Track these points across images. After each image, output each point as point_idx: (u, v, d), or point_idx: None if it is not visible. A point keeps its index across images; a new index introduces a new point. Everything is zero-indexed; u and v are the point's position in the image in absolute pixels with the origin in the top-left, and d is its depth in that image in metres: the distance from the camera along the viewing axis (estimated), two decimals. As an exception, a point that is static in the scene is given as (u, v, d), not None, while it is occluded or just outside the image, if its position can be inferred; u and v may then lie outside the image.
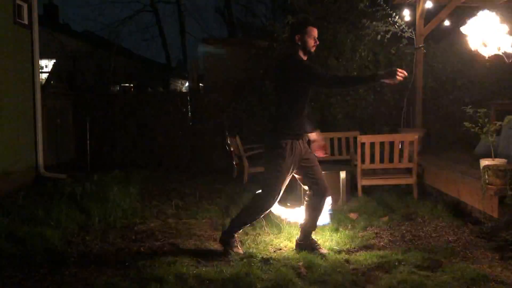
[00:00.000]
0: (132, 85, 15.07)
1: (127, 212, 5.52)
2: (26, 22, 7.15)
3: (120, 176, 7.45)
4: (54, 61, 13.80)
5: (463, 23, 4.81)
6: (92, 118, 9.10)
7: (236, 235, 4.15)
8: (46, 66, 13.65)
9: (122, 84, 14.42)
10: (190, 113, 9.58)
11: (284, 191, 4.08)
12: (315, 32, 4.03)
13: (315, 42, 4.03)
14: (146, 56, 22.63)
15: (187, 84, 18.16)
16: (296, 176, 4.19)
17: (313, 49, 4.04)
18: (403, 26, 7.98)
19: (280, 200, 4.07)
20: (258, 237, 4.61)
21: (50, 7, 18.52)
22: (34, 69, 7.29)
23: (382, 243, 4.41)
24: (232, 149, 7.52)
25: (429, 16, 7.83)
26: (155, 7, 20.42)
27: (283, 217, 4.55)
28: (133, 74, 17.80)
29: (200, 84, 12.11)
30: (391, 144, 6.23)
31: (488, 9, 4.68)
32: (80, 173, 7.90)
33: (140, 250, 4.30)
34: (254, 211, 4.07)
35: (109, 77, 12.31)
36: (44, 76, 11.82)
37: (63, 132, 8.81)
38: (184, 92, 16.55)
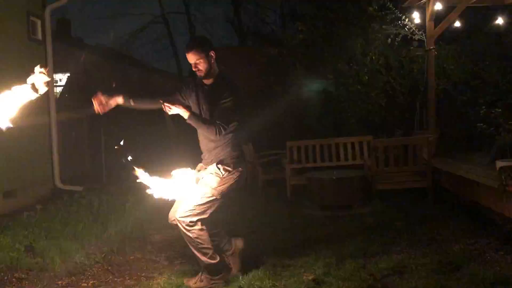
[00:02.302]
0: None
1: (144, 223, 5.55)
2: (40, 37, 7.28)
3: (136, 187, 7.50)
4: (68, 75, 14.01)
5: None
6: (107, 130, 9.20)
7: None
8: (60, 80, 13.86)
9: (135, 96, 14.59)
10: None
11: None
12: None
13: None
14: (158, 67, 22.80)
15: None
16: None
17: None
18: (413, 28, 7.96)
19: None
20: (274, 244, 4.61)
21: (63, 22, 18.80)
22: (48, 84, 7.41)
23: (398, 248, 4.37)
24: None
25: (439, 17, 7.79)
26: (165, 18, 20.65)
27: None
28: (146, 85, 17.95)
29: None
30: (405, 147, 6.20)
31: (497, 9, 4.64)
32: (96, 185, 7.98)
33: (157, 261, 4.33)
34: None
35: (122, 89, 12.45)
36: (58, 90, 12.01)
37: (78, 144, 8.91)
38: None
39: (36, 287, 3.73)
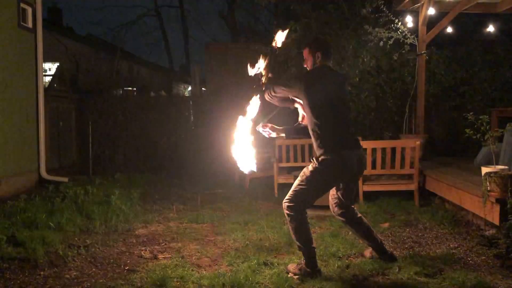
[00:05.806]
0: (134, 89, 15.10)
1: (129, 216, 5.53)
2: (30, 25, 7.19)
3: (122, 180, 7.47)
4: (58, 64, 13.86)
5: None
6: (95, 121, 9.12)
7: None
8: (49, 69, 13.71)
9: (125, 88, 14.46)
10: (192, 117, 9.59)
11: None
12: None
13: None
14: (149, 60, 22.69)
15: (189, 88, 18.19)
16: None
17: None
18: (406, 32, 8.00)
19: None
20: (260, 241, 4.62)
21: (54, 11, 18.65)
22: (37, 72, 7.32)
23: (383, 249, 4.40)
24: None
25: (431, 22, 7.86)
26: (158, 11, 20.52)
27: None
28: (136, 77, 17.85)
29: (203, 88, 12.12)
30: (393, 150, 6.24)
31: (489, 16, 4.69)
32: (82, 176, 7.92)
33: (141, 254, 4.31)
34: None
35: (112, 81, 12.33)
36: (47, 79, 11.86)
37: (66, 135, 8.82)
38: (187, 96, 16.58)
39: (17, 278, 3.69)
